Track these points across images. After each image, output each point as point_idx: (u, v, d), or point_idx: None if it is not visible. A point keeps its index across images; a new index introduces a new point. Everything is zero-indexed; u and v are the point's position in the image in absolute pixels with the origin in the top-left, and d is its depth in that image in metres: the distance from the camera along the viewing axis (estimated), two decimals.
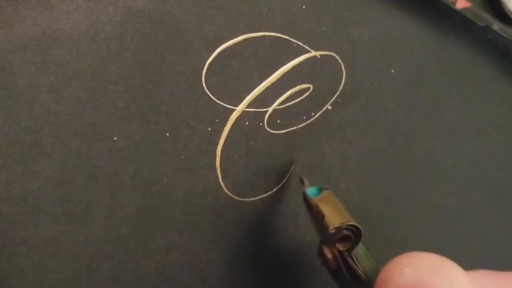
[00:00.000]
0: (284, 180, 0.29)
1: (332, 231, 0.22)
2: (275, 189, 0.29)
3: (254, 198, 0.29)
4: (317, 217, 0.24)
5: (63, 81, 0.22)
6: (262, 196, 0.29)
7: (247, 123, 0.27)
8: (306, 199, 0.26)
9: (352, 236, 0.23)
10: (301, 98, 0.29)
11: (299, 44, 0.28)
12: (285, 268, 0.30)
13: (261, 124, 0.28)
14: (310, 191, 0.26)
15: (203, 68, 0.26)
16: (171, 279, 0.27)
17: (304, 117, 0.29)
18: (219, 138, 0.27)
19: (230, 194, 0.28)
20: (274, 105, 0.28)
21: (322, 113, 0.30)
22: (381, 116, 0.32)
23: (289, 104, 0.29)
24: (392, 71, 0.32)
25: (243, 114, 0.27)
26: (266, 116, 0.28)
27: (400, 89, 0.33)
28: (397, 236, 0.35)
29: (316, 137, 0.30)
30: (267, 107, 0.28)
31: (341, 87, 0.30)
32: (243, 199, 0.28)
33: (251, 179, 0.28)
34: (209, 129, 0.26)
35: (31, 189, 0.22)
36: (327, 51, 0.29)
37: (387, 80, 0.32)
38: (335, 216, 0.23)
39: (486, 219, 0.39)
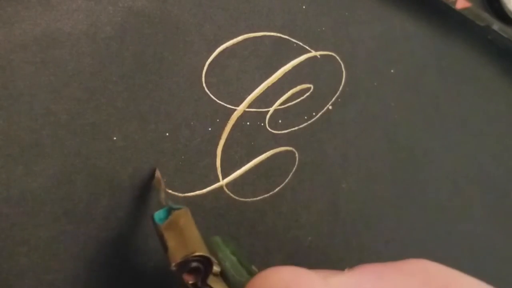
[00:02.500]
0: (286, 180, 0.29)
1: (174, 268, 0.20)
2: (276, 189, 0.29)
3: (255, 198, 0.29)
4: (163, 248, 0.21)
5: (63, 81, 0.22)
6: (263, 196, 0.29)
7: (248, 123, 0.27)
8: (154, 227, 0.22)
9: (202, 267, 0.20)
10: (302, 98, 0.29)
11: (299, 44, 0.28)
12: None
13: (262, 124, 0.28)
14: (158, 215, 0.22)
15: (203, 68, 0.26)
16: (171, 280, 0.27)
17: (305, 117, 0.29)
18: (219, 138, 0.27)
19: (231, 194, 0.28)
20: (275, 105, 0.28)
21: (323, 113, 0.30)
22: (381, 116, 0.32)
23: (290, 104, 0.29)
24: (392, 71, 0.32)
25: (244, 114, 0.27)
26: (268, 116, 0.28)
27: (400, 89, 0.33)
28: (397, 236, 0.35)
29: (317, 137, 0.30)
30: (268, 107, 0.28)
31: (341, 87, 0.30)
32: (244, 199, 0.28)
33: (252, 179, 0.28)
34: (210, 129, 0.26)
35: (31, 188, 0.22)
36: (327, 51, 0.29)
37: (387, 80, 0.32)
38: (178, 249, 0.20)
39: (486, 219, 0.39)
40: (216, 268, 0.20)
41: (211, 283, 0.20)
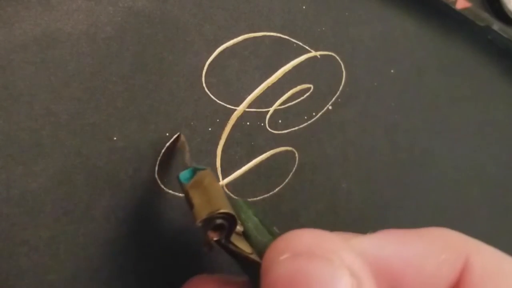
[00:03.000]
0: (286, 180, 0.29)
1: (200, 224, 0.20)
2: (276, 189, 0.29)
3: (255, 198, 0.29)
4: (188, 206, 0.21)
5: (63, 81, 0.22)
6: (263, 196, 0.29)
7: (248, 123, 0.27)
8: (180, 186, 0.23)
9: (226, 224, 0.20)
10: (302, 98, 0.29)
11: (299, 44, 0.28)
12: None
13: (262, 124, 0.28)
14: (183, 175, 0.22)
15: (203, 68, 0.26)
16: (171, 279, 0.27)
17: (306, 117, 0.29)
18: (219, 138, 0.27)
19: (231, 195, 0.28)
20: (275, 105, 0.28)
21: (323, 113, 0.30)
22: (381, 116, 0.32)
23: (290, 104, 0.29)
24: (392, 71, 0.32)
25: (244, 114, 0.27)
26: (268, 116, 0.28)
27: (400, 89, 0.33)
28: None
29: (317, 137, 0.30)
30: (268, 107, 0.28)
31: (341, 87, 0.30)
32: (244, 200, 0.28)
33: (252, 179, 0.28)
34: (210, 129, 0.26)
35: (31, 189, 0.22)
36: (327, 51, 0.29)
37: (387, 80, 0.32)
38: (204, 206, 0.21)
39: (486, 219, 0.39)
40: (239, 228, 0.21)
41: (233, 241, 0.21)
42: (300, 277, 0.16)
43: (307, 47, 0.29)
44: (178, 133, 0.25)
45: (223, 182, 0.27)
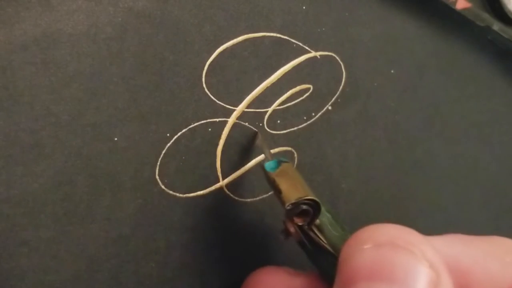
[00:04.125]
0: None
1: (289, 207, 0.22)
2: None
3: (255, 199, 0.29)
4: (275, 192, 0.24)
5: (63, 81, 0.22)
6: (263, 196, 0.29)
7: (247, 123, 0.27)
8: (265, 174, 0.25)
9: (311, 210, 0.22)
10: (301, 98, 0.29)
11: (299, 45, 0.28)
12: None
13: (260, 124, 0.28)
14: (269, 165, 0.25)
15: (203, 69, 0.26)
16: (171, 280, 0.27)
17: (305, 118, 0.29)
18: (219, 138, 0.27)
19: (231, 195, 0.28)
20: (274, 106, 0.28)
21: (322, 113, 0.30)
22: (381, 116, 0.32)
23: (289, 104, 0.29)
24: (392, 71, 0.32)
25: (243, 114, 0.27)
26: (266, 116, 0.28)
27: (400, 89, 0.33)
28: None
29: (317, 137, 0.30)
30: (267, 108, 0.28)
31: (341, 87, 0.30)
32: (244, 200, 0.28)
33: (252, 180, 0.28)
34: (210, 129, 0.26)
35: (32, 189, 0.22)
36: (327, 51, 0.29)
37: (387, 80, 0.32)
38: (292, 191, 0.23)
39: (486, 219, 0.39)
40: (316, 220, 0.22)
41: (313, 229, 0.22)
42: (383, 265, 0.17)
43: (307, 48, 0.29)
44: (256, 132, 0.28)
45: (223, 182, 0.27)
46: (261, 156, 0.28)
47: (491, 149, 0.38)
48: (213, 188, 0.27)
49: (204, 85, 0.26)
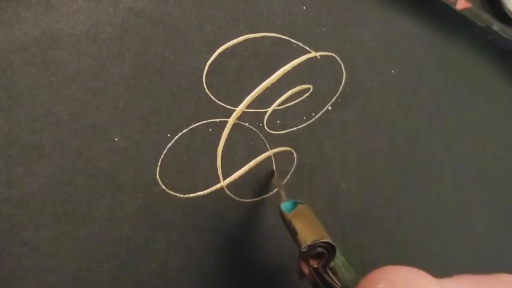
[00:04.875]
0: (285, 181, 0.29)
1: (305, 249, 0.22)
2: (276, 190, 0.29)
3: (255, 199, 0.29)
4: (291, 233, 0.24)
5: (63, 81, 0.22)
6: (263, 196, 0.29)
7: (247, 123, 0.27)
8: (281, 214, 0.25)
9: (326, 252, 0.23)
10: (301, 98, 0.29)
11: (299, 45, 0.28)
12: (286, 269, 0.30)
13: (260, 124, 0.28)
14: (285, 205, 0.25)
15: (203, 69, 0.26)
16: (171, 280, 0.27)
17: (305, 118, 0.29)
18: (219, 138, 0.27)
19: (231, 195, 0.28)
20: (274, 106, 0.28)
21: (322, 113, 0.30)
22: (381, 116, 0.32)
23: (289, 104, 0.29)
24: (392, 71, 0.32)
25: (243, 114, 0.27)
26: (266, 116, 0.28)
27: (400, 89, 0.33)
28: (397, 236, 0.35)
29: (317, 137, 0.30)
30: (266, 108, 0.28)
31: (341, 87, 0.30)
32: (244, 200, 0.28)
33: (252, 180, 0.28)
34: (210, 129, 0.26)
35: (32, 190, 0.22)
36: (327, 51, 0.29)
37: (387, 80, 0.32)
38: (308, 233, 0.23)
39: (486, 219, 0.39)
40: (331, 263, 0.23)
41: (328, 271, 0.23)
42: None
43: (307, 48, 0.29)
44: (272, 170, 0.28)
45: (223, 182, 0.27)
46: (262, 156, 0.28)
47: (491, 148, 0.38)
48: (213, 188, 0.27)
49: (205, 85, 0.26)
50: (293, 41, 0.28)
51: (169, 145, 0.25)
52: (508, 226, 0.40)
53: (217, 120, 0.26)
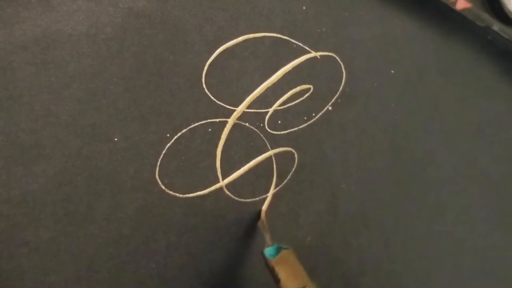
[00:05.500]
0: (285, 181, 0.29)
1: None
2: (276, 190, 0.29)
3: (254, 199, 0.29)
4: (274, 280, 0.24)
5: (63, 82, 0.22)
6: (262, 196, 0.29)
7: (247, 123, 0.27)
8: (264, 260, 0.25)
9: None
10: (301, 98, 0.29)
11: (299, 45, 0.28)
12: None
13: (261, 124, 0.28)
14: (268, 251, 0.25)
15: (203, 69, 0.26)
16: (171, 280, 0.27)
17: (305, 118, 0.29)
18: (219, 139, 0.27)
19: (231, 195, 0.28)
20: (275, 106, 0.28)
21: (322, 113, 0.30)
22: (381, 116, 0.32)
23: (289, 104, 0.29)
24: (392, 71, 0.32)
25: (244, 114, 0.27)
26: (267, 116, 0.28)
27: (400, 89, 0.33)
28: (397, 236, 0.35)
29: (317, 137, 0.30)
30: (267, 108, 0.28)
31: (341, 87, 0.30)
32: (243, 200, 0.28)
33: (251, 180, 0.28)
34: (209, 129, 0.26)
35: (32, 190, 0.22)
36: (327, 51, 0.29)
37: (387, 81, 0.32)
38: (290, 280, 0.23)
39: (486, 219, 0.39)
40: None
41: None
42: None
43: (307, 48, 0.29)
44: (260, 209, 0.28)
45: (222, 182, 0.27)
46: (263, 156, 0.28)
47: (491, 148, 0.38)
48: (213, 188, 0.27)
49: (204, 86, 0.26)
50: (293, 41, 0.28)
51: (169, 145, 0.25)
52: (508, 226, 0.40)
53: (217, 120, 0.26)
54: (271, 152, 0.28)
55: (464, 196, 0.37)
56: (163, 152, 0.25)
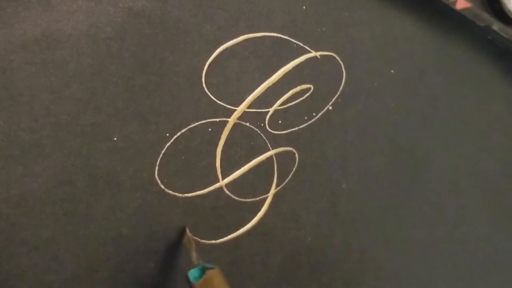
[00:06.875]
0: (286, 181, 0.29)
1: None
2: (276, 190, 0.29)
3: (254, 199, 0.29)
4: None
5: (63, 81, 0.22)
6: (262, 196, 0.29)
7: (247, 123, 0.27)
8: (188, 283, 0.24)
9: None
10: (302, 98, 0.29)
11: (300, 45, 0.28)
12: (287, 268, 0.30)
13: (262, 124, 0.28)
14: (192, 274, 0.24)
15: (203, 69, 0.26)
16: (171, 280, 0.27)
17: (306, 118, 0.29)
18: (219, 138, 0.27)
19: (231, 195, 0.28)
20: (275, 106, 0.28)
21: (323, 113, 0.30)
22: (381, 116, 0.32)
23: (290, 104, 0.29)
24: (392, 71, 0.32)
25: (244, 114, 0.27)
26: (268, 116, 0.28)
27: (400, 89, 0.33)
28: (397, 236, 0.35)
29: (318, 137, 0.30)
30: (268, 108, 0.28)
31: (341, 87, 0.30)
32: (243, 200, 0.28)
33: (251, 180, 0.28)
34: (209, 129, 0.26)
35: (31, 189, 0.22)
36: (328, 51, 0.29)
37: (387, 80, 0.32)
38: None
39: (486, 219, 0.39)
40: None
41: None
42: None
43: (307, 48, 0.29)
44: (184, 226, 0.26)
45: (223, 182, 0.27)
46: (264, 156, 0.28)
47: (491, 148, 0.38)
48: (212, 188, 0.27)
49: (204, 85, 0.26)
50: (293, 40, 0.28)
51: (168, 144, 0.25)
52: (508, 226, 0.40)
53: (217, 119, 0.26)
54: (271, 152, 0.28)
55: (464, 196, 0.37)
56: (163, 151, 0.25)
